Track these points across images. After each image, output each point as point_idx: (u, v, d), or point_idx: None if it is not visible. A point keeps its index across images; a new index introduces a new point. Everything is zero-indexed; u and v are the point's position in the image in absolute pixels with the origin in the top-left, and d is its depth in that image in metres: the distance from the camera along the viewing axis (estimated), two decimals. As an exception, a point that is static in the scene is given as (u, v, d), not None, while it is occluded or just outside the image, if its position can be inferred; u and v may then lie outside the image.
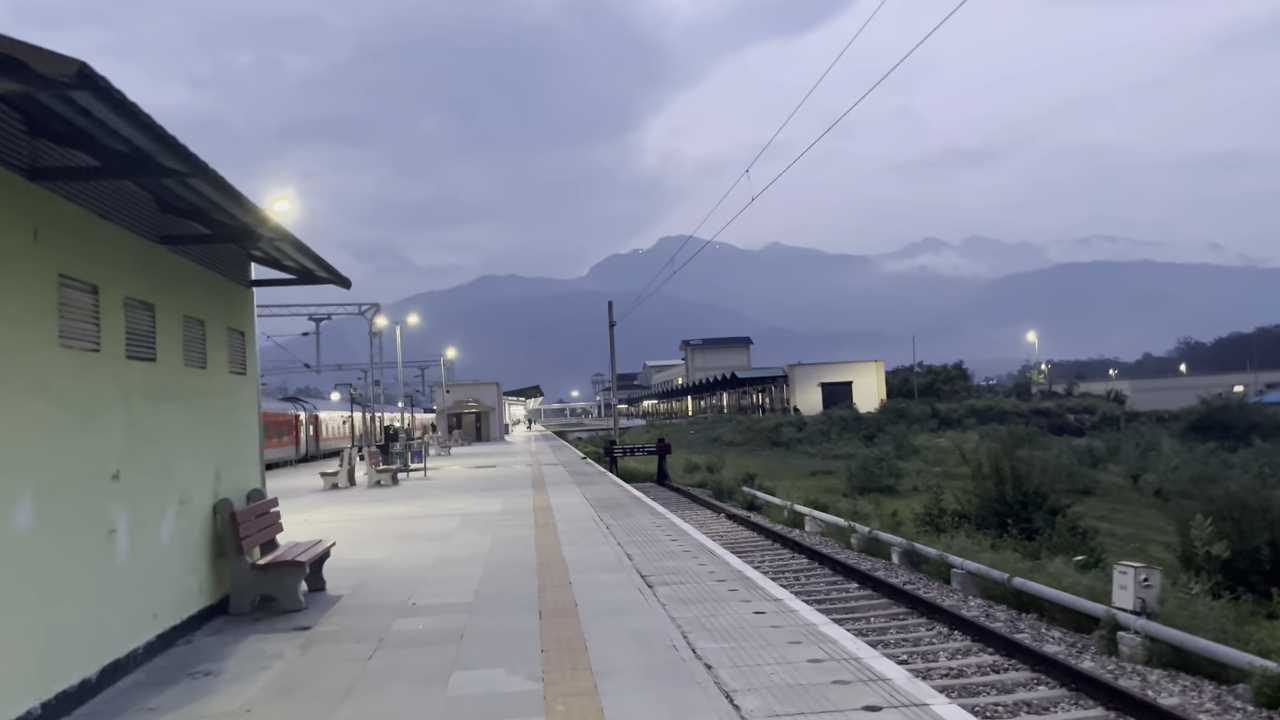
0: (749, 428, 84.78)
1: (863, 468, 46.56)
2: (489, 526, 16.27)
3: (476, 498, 22.62)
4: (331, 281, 11.21)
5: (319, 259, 10.62)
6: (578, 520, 16.65)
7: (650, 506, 18.84)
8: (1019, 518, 23.54)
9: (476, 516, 18.12)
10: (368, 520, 18.47)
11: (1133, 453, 56.68)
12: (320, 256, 10.61)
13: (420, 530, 16.23)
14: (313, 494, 26.38)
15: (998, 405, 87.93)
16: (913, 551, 18.86)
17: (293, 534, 15.54)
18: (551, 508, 19.16)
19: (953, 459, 57.95)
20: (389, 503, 22.34)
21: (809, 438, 75.48)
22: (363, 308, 54.45)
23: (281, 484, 31.43)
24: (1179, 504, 37.70)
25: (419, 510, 20.04)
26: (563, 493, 22.89)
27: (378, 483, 28.49)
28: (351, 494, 25.81)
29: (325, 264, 10.84)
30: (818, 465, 59.16)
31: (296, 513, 20.41)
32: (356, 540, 15.16)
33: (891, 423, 76.33)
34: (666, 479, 38.57)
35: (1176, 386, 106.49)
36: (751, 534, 23.05)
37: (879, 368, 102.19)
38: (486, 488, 25.75)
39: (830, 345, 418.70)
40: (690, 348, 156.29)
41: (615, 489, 23.99)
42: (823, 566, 17.77)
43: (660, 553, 12.24)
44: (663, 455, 38.97)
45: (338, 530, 16.79)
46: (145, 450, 7.79)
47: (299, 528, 17.28)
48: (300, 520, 18.82)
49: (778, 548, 20.63)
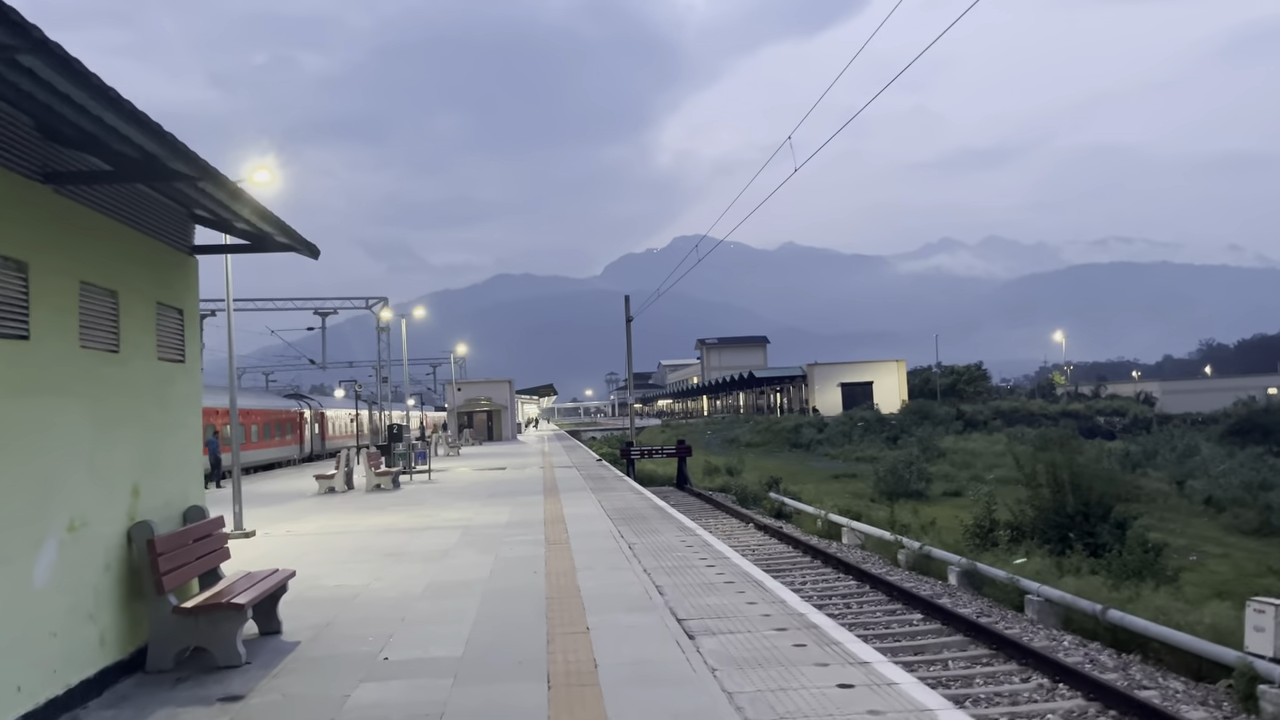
0: (767, 428, 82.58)
1: (891, 472, 44.17)
2: (493, 543, 14.11)
3: (482, 506, 20.47)
4: (294, 248, 9.07)
5: (278, 221, 8.48)
6: (594, 535, 14.46)
7: (676, 519, 16.64)
8: (1081, 531, 21.24)
9: (480, 530, 15.96)
10: (356, 533, 16.33)
11: (1171, 457, 54.11)
12: (280, 219, 8.48)
13: (413, 547, 14.08)
14: (304, 499, 24.29)
15: (1024, 407, 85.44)
16: (974, 572, 16.60)
17: (263, 552, 13.42)
18: (564, 519, 16.98)
19: (982, 462, 55.54)
20: (385, 511, 20.20)
21: (830, 439, 73.22)
22: (370, 301, 52.44)
23: (275, 487, 29.39)
24: (1235, 513, 35.27)
25: (416, 520, 17.90)
26: (577, 500, 20.71)
27: (377, 486, 26.39)
28: (346, 499, 23.70)
29: (285, 227, 8.69)
30: (840, 468, 56.85)
31: (279, 523, 18.31)
32: (338, 560, 13.01)
33: (915, 424, 73.91)
34: (687, 483, 36.36)
35: (1207, 388, 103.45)
36: (785, 548, 20.82)
37: (900, 367, 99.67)
38: (494, 493, 23.60)
39: (845, 345, 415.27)
40: (706, 347, 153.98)
41: (634, 496, 21.80)
42: (874, 590, 15.53)
43: (697, 584, 10.04)
44: (683, 458, 36.75)
45: (320, 546, 14.66)
46: (6, 461, 5.65)
47: (276, 543, 15.16)
48: (281, 533, 16.70)
49: (818, 565, 18.39)
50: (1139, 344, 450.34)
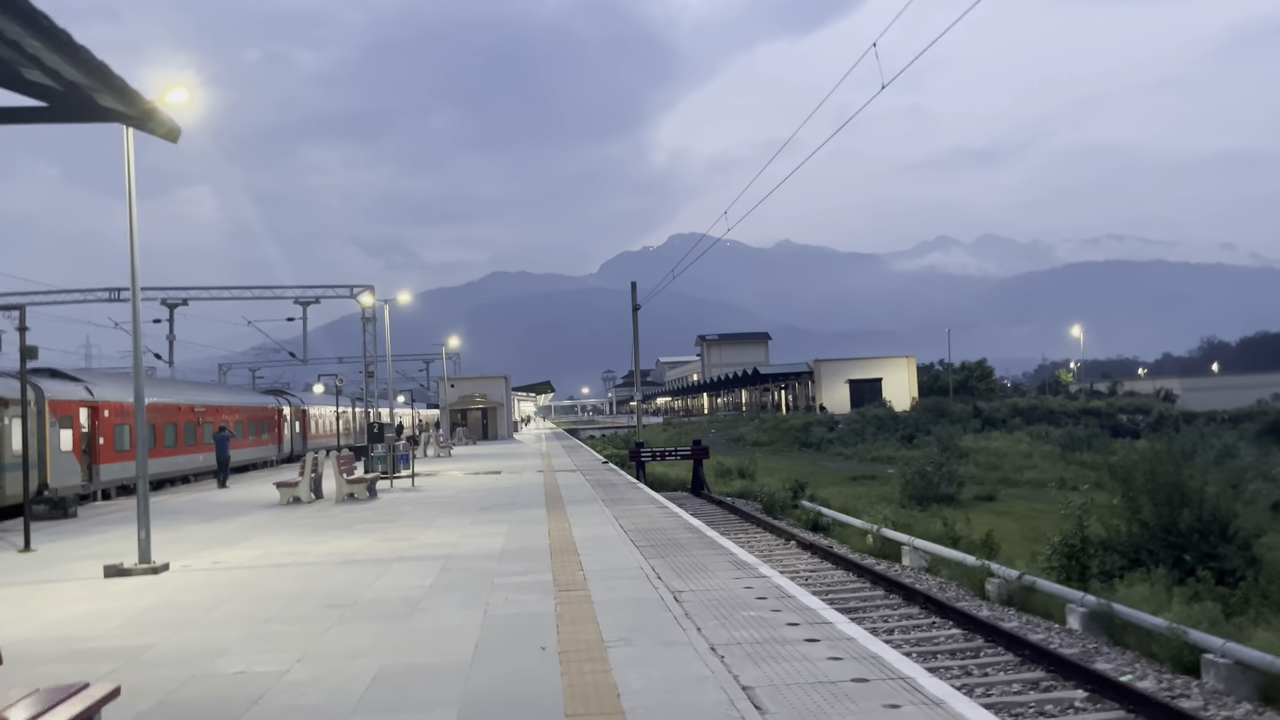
0: (774, 427, 78.89)
1: (920, 474, 40.33)
2: (481, 587, 10.27)
3: (471, 523, 16.62)
4: (128, 117, 5.23)
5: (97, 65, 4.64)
6: (620, 575, 10.63)
7: (719, 544, 12.80)
8: (1199, 553, 17.48)
9: (465, 562, 12.12)
10: (304, 565, 12.47)
11: (1209, 458, 50.34)
12: (104, 63, 4.65)
13: (372, 592, 10.23)
14: (260, 512, 20.40)
15: (1043, 404, 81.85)
16: (1107, 614, 12.79)
17: (161, 600, 9.42)
18: (575, 545, 13.14)
19: (1009, 463, 51.89)
20: (350, 530, 16.33)
21: (842, 438, 69.64)
22: (355, 290, 48.50)
23: (235, 495, 25.51)
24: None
25: (385, 546, 14.04)
26: (588, 517, 16.87)
27: (350, 496, 22.50)
28: (309, 513, 19.81)
29: (109, 74, 4.85)
30: (857, 468, 53.19)
31: (211, 548, 14.44)
32: (260, 616, 9.15)
33: (931, 422, 70.23)
34: (704, 488, 32.50)
35: (1227, 386, 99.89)
36: (845, 575, 16.98)
37: (910, 364, 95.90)
38: (486, 505, 19.75)
39: (843, 343, 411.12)
40: (707, 343, 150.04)
41: (655, 509, 17.96)
42: (990, 642, 11.70)
43: (806, 680, 6.21)
44: (699, 460, 32.87)
45: (247, 588, 10.80)
46: None
47: (189, 583, 11.29)
48: (205, 565, 12.83)
49: (896, 601, 14.55)
50: (1136, 342, 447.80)
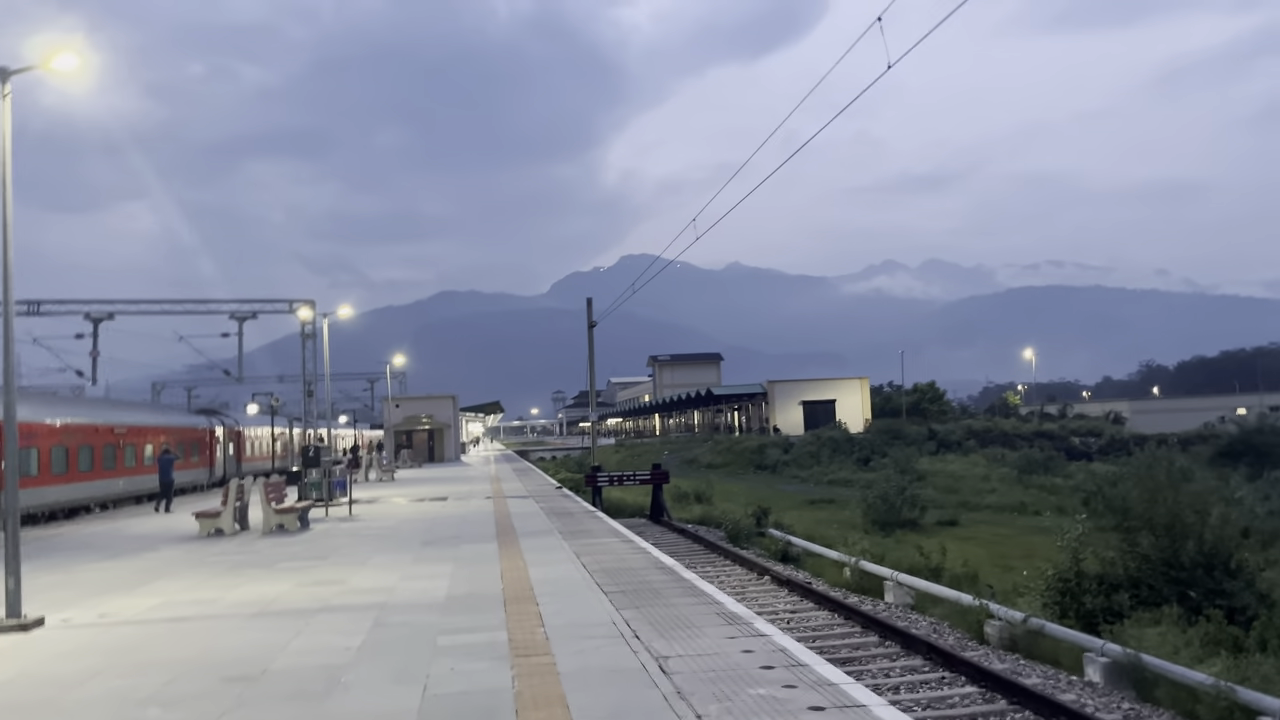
0: (728, 449, 77.55)
1: (882, 499, 38.95)
2: (421, 651, 8.44)
3: (412, 562, 14.70)
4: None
5: None
6: (590, 633, 8.87)
7: (702, 591, 11.08)
8: (1204, 589, 16.18)
9: (402, 615, 10.25)
10: (209, 618, 10.50)
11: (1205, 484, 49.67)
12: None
13: (285, 658, 8.34)
14: (175, 546, 18.22)
15: (996, 426, 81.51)
16: (1134, 666, 11.31)
17: (18, 672, 7.50)
18: (533, 590, 11.34)
19: (968, 486, 50.99)
20: (271, 571, 14.31)
21: (797, 460, 68.45)
22: (293, 305, 46.16)
23: (150, 526, 23.20)
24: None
25: (309, 593, 12.09)
26: (545, 552, 15.05)
27: (279, 527, 20.38)
28: (229, 547, 17.69)
29: None
30: (814, 492, 51.79)
31: (103, 594, 12.37)
32: (135, 697, 7.20)
33: (886, 444, 69.38)
34: (664, 514, 30.75)
35: (1173, 409, 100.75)
36: (830, 616, 15.33)
37: (864, 385, 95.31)
38: (431, 538, 17.81)
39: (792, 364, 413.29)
40: (659, 364, 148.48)
41: (620, 543, 16.20)
42: (1015, 704, 10.10)
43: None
44: (658, 485, 31.12)
45: (131, 653, 8.82)
46: None
47: (59, 646, 9.26)
48: (90, 619, 10.78)
49: (895, 649, 12.91)
50: (1076, 365, 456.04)
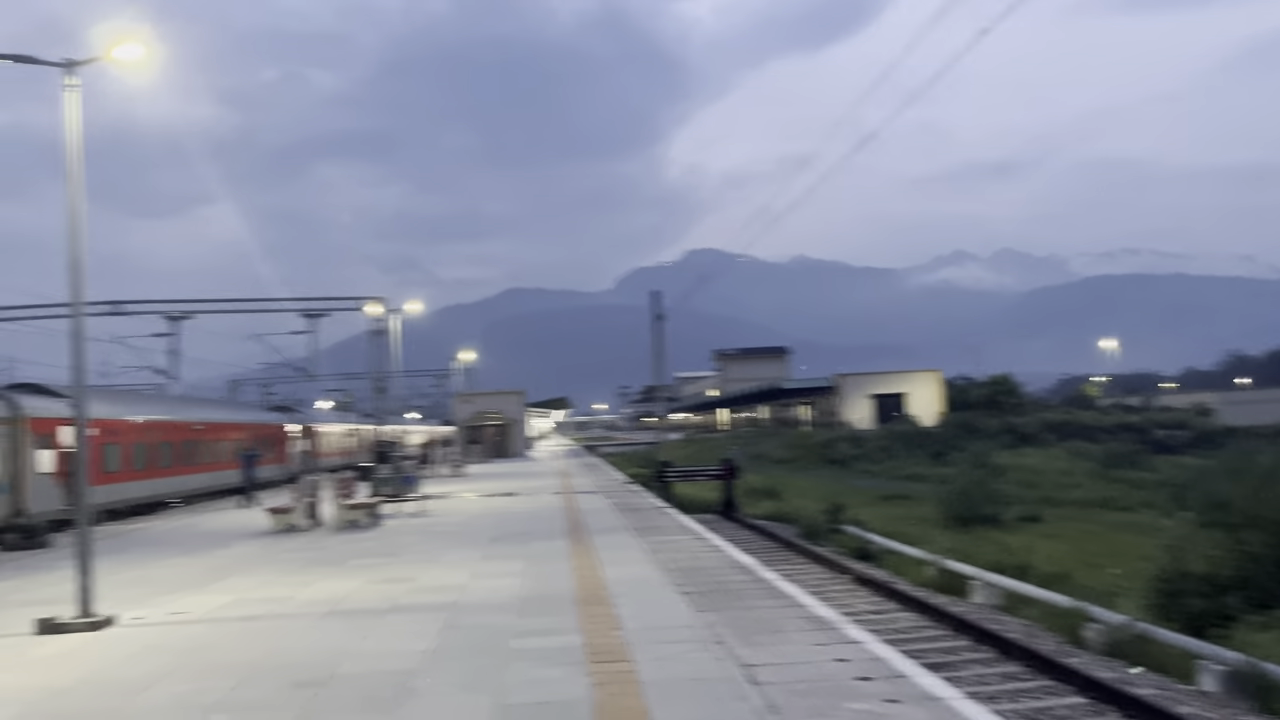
0: (797, 443, 76.48)
1: (960, 494, 37.72)
2: (493, 655, 8.07)
3: (482, 559, 14.41)
4: None
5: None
6: (671, 640, 8.40)
7: (783, 592, 10.55)
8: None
9: (474, 616, 9.90)
10: (279, 617, 10.29)
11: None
12: None
13: (354, 662, 8.03)
14: (248, 543, 18.25)
15: (1076, 419, 78.96)
16: (1256, 676, 10.46)
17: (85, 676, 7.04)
18: (608, 591, 10.93)
19: (1048, 481, 49.36)
20: (342, 568, 14.13)
21: (868, 455, 67.14)
22: (361, 302, 46.50)
23: (222, 522, 23.40)
24: None
25: (379, 591, 11.84)
26: (618, 550, 14.64)
27: (350, 523, 20.34)
28: (301, 544, 17.64)
29: None
30: (887, 487, 50.63)
31: (175, 592, 12.27)
32: (201, 703, 6.94)
33: (960, 438, 67.59)
34: (735, 510, 30.19)
35: (1269, 399, 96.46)
36: (915, 617, 14.66)
37: (936, 378, 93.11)
38: (500, 535, 17.54)
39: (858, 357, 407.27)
40: (724, 358, 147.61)
41: (693, 541, 15.72)
42: (1129, 718, 9.38)
43: None
44: (729, 480, 30.58)
45: (199, 653, 8.60)
46: None
47: (130, 645, 9.06)
48: (161, 616, 10.64)
49: (990, 654, 12.20)
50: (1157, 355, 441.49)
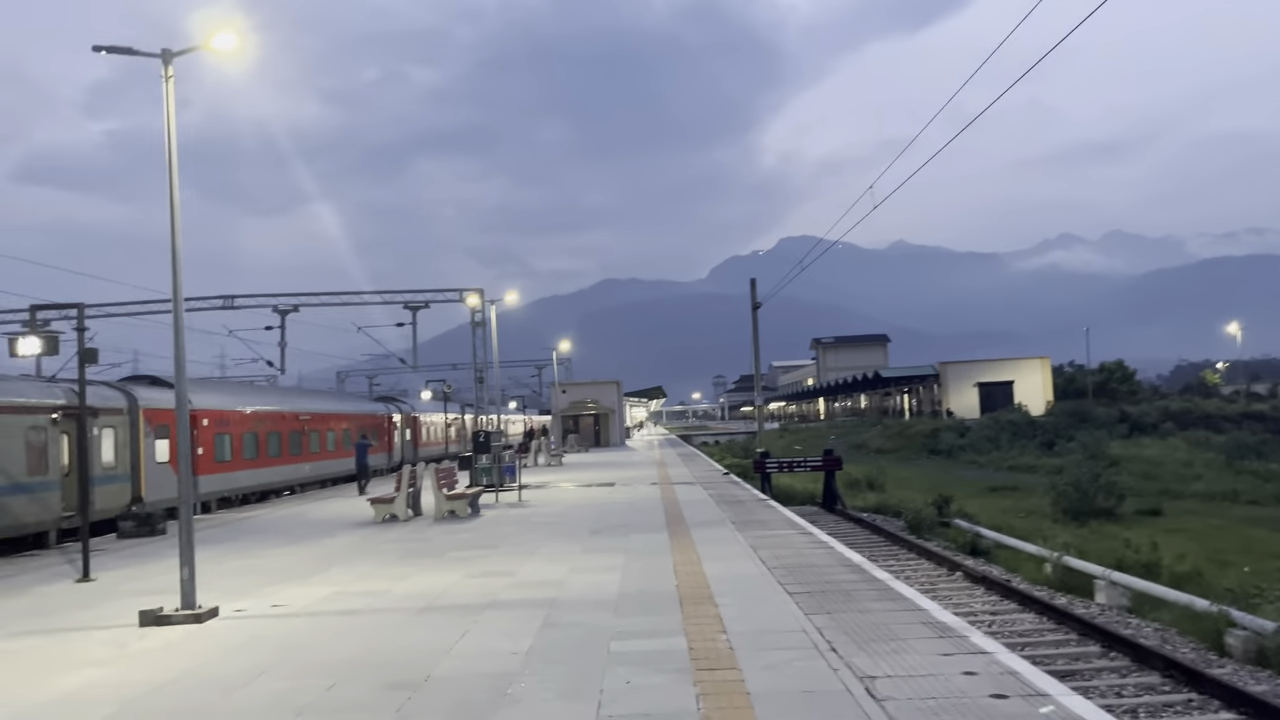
0: (899, 433, 74.77)
1: (1074, 485, 36.00)
2: (593, 658, 7.70)
3: (581, 553, 14.12)
4: None
5: None
6: (780, 646, 7.90)
7: (900, 594, 9.92)
8: None
9: (572, 615, 9.57)
10: (376, 612, 10.13)
11: None
12: None
13: (449, 663, 7.76)
14: (350, 533, 18.38)
15: (1196, 407, 75.02)
16: None
17: (184, 670, 6.67)
18: (710, 589, 10.47)
19: (1168, 472, 46.85)
20: (441, 560, 14.01)
21: (974, 445, 65.02)
22: (461, 293, 47.02)
23: (327, 511, 23.74)
24: None
25: (477, 585, 11.62)
26: (719, 544, 14.17)
27: (450, 513, 20.36)
28: (402, 534, 17.67)
29: None
30: (994, 478, 48.78)
31: (276, 583, 12.29)
32: (294, 705, 6.74)
33: (1072, 427, 64.89)
34: (837, 502, 29.37)
35: None
36: (1037, 619, 13.78)
37: (1044, 365, 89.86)
38: (599, 527, 17.26)
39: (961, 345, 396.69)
40: (822, 347, 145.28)
41: (798, 536, 15.14)
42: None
43: None
44: (831, 472, 29.75)
45: (296, 650, 8.46)
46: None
47: (228, 639, 8.99)
48: (262, 609, 10.61)
49: (1123, 662, 11.32)
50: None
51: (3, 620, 10.65)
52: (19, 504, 18.38)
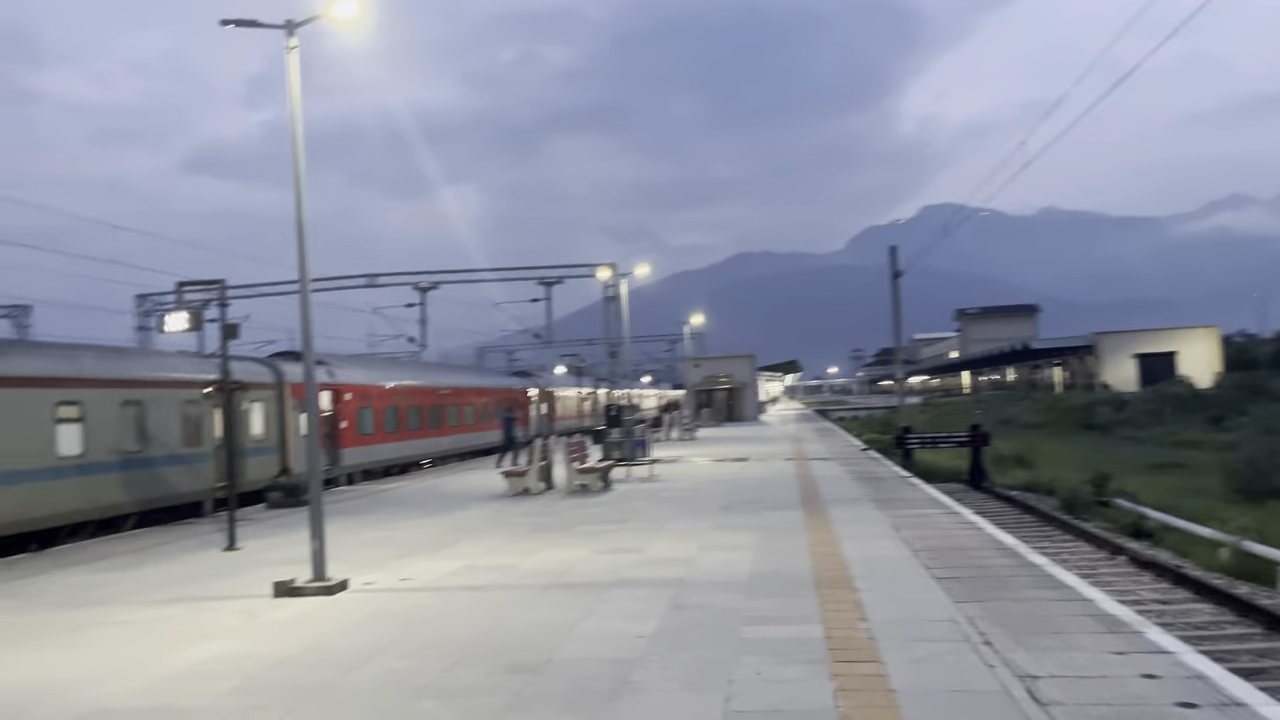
0: (1050, 407, 71.16)
1: (1248, 462, 33.08)
2: (722, 644, 7.22)
3: (711, 529, 13.66)
4: None
5: None
6: (927, 638, 7.24)
7: (1061, 581, 9.06)
8: None
9: (701, 595, 9.11)
10: (502, 589, 9.93)
11: None
12: None
13: (572, 645, 7.42)
14: (483, 505, 18.47)
15: (1391, 379, 68.54)
16: None
17: (308, 645, 6.52)
18: (848, 571, 9.84)
19: (1358, 451, 42.86)
20: (570, 534, 13.80)
21: (1132, 419, 61.16)
22: (594, 268, 47.05)
23: (462, 483, 24.04)
24: None
25: (604, 561, 11.32)
26: (858, 524, 13.46)
27: (581, 487, 20.25)
28: (533, 508, 17.62)
29: None
30: (1155, 455, 45.69)
31: (406, 557, 12.30)
32: (412, 685, 6.52)
33: (1245, 401, 60.19)
34: (984, 480, 27.94)
35: None
36: (1214, 609, 12.54)
37: (1212, 335, 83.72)
38: (731, 503, 16.76)
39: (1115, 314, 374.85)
40: (966, 318, 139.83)
41: (944, 516, 14.25)
42: None
43: None
44: (978, 448, 28.31)
45: (420, 625, 8.30)
46: None
47: (356, 611, 8.93)
48: (391, 583, 10.57)
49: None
50: None
51: (151, 587, 10.99)
52: (176, 474, 19.23)
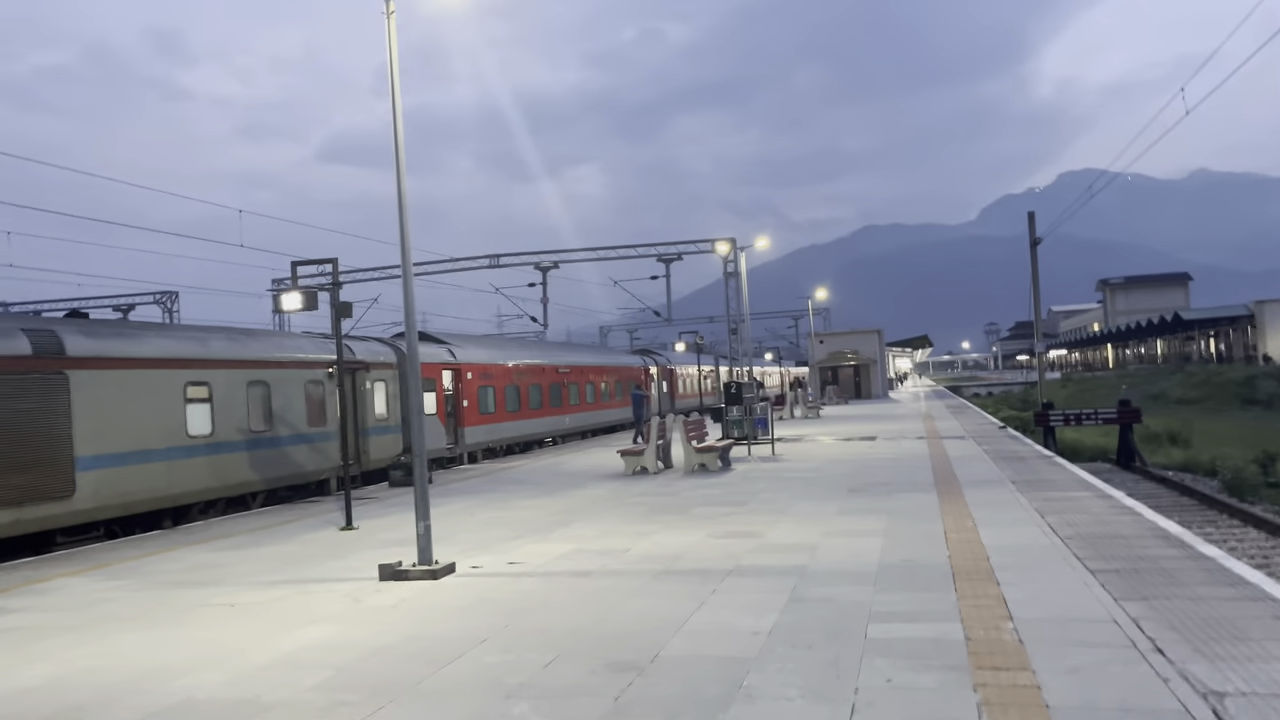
0: (1205, 381, 66.64)
1: None
2: (847, 645, 6.49)
3: (837, 512, 12.85)
4: None
5: None
6: (1084, 642, 6.34)
7: (1241, 577, 7.93)
8: None
9: (824, 587, 8.38)
10: (609, 578, 9.42)
11: None
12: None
13: (680, 642, 6.82)
14: (601, 483, 18.07)
15: None
16: None
17: (406, 634, 6.13)
18: (991, 565, 8.92)
19: None
20: (685, 516, 13.21)
21: (1299, 394, 56.71)
22: (714, 243, 46.24)
23: (584, 462, 23.75)
24: None
25: (720, 547, 10.67)
26: (997, 508, 12.41)
27: (700, 466, 19.64)
28: (650, 487, 17.10)
29: None
30: (1326, 433, 41.99)
31: (518, 539, 11.94)
32: (508, 683, 6.04)
33: None
34: (1135, 459, 26.01)
35: None
36: None
37: (1391, 301, 76.94)
38: (858, 485, 15.85)
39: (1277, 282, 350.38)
40: (1110, 288, 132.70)
41: (1096, 500, 13.01)
42: None
43: None
44: (1128, 426, 26.35)
45: (524, 615, 7.85)
46: None
47: (459, 597, 8.55)
48: (499, 567, 10.20)
49: None
50: None
51: (264, 568, 10.95)
52: (301, 453, 19.53)
